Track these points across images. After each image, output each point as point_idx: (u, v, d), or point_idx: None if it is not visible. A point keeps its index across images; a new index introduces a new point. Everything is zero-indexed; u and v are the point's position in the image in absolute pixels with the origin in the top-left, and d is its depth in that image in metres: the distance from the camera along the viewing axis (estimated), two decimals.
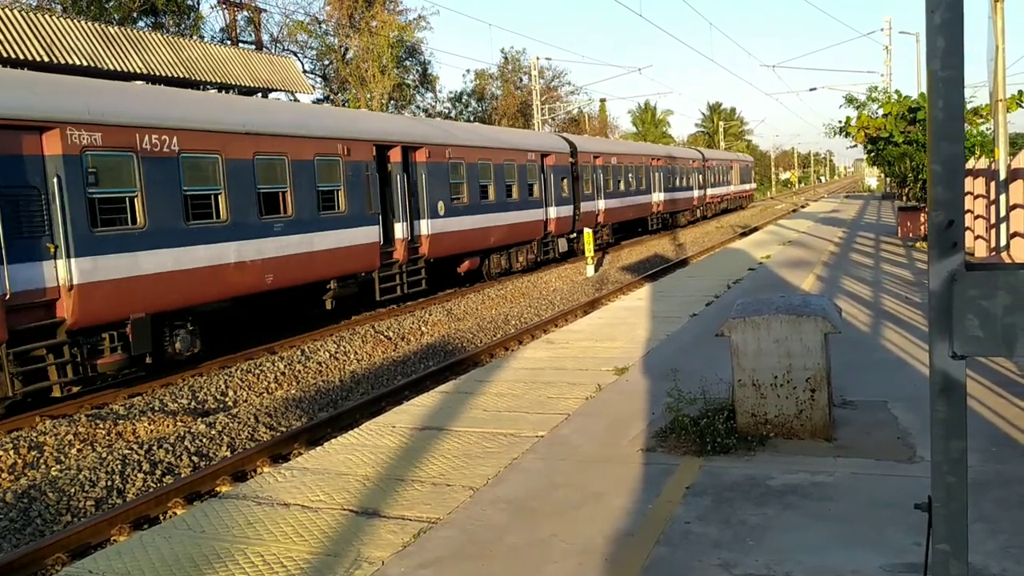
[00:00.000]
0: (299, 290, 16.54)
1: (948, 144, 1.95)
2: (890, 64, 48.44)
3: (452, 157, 21.54)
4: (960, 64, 1.95)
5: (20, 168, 10.98)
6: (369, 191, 17.99)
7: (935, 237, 1.97)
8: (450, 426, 7.46)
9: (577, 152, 29.77)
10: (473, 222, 22.38)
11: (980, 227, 18.62)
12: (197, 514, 5.67)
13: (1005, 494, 5.00)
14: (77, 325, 11.57)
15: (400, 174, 19.37)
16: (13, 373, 10.92)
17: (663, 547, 4.67)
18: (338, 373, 13.98)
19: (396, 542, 4.99)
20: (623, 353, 10.26)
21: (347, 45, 46.50)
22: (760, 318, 6.29)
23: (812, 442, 6.22)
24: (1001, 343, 1.96)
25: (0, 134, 10.71)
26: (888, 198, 49.84)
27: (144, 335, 12.56)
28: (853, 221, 34.33)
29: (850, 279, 15.70)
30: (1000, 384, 7.47)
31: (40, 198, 11.18)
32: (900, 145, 26.45)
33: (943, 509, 2.06)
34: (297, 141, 15.99)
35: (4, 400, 11.12)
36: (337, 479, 6.21)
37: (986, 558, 4.21)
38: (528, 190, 25.72)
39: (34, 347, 11.13)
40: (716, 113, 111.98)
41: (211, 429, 10.57)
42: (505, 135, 27.06)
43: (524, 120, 58.69)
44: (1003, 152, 15.53)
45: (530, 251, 26.02)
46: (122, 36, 15.65)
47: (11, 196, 10.79)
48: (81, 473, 9.06)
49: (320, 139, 16.69)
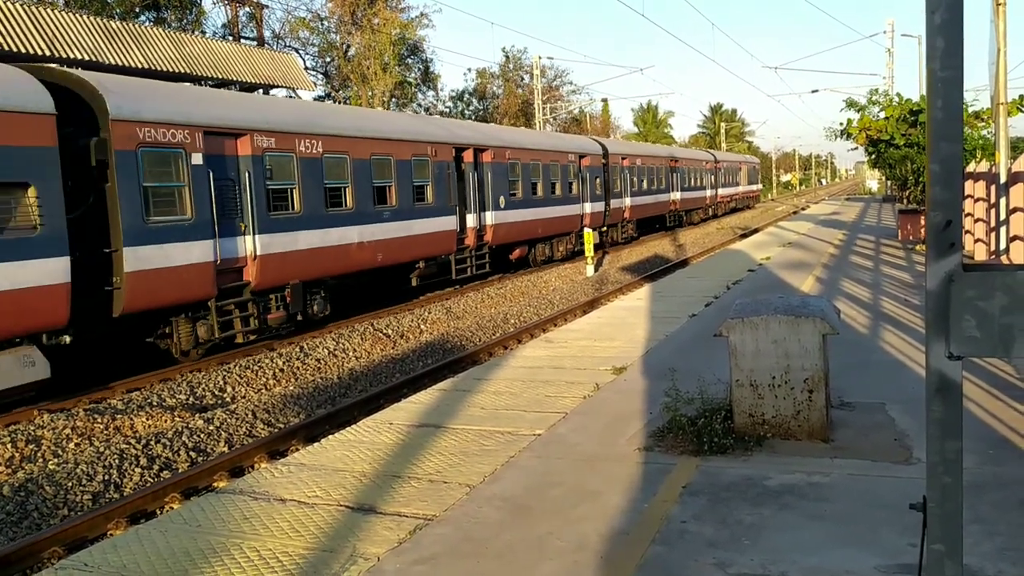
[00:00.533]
0: (397, 268, 19.69)
1: (947, 144, 1.95)
2: (892, 67, 48.44)
3: (510, 158, 24.66)
4: (960, 65, 1.95)
5: (225, 165, 14.48)
6: (449, 186, 21.21)
7: (933, 237, 1.97)
8: (447, 424, 7.47)
9: (608, 154, 32.68)
10: (525, 215, 25.47)
11: (980, 230, 18.62)
12: (193, 509, 5.67)
13: (1002, 496, 5.00)
14: (257, 287, 14.98)
15: (472, 172, 22.63)
16: (218, 322, 14.24)
17: (659, 546, 4.67)
18: (336, 370, 13.98)
19: (392, 538, 4.99)
20: (622, 353, 10.26)
21: (349, 42, 46.50)
22: (758, 319, 6.29)
23: (809, 443, 6.23)
24: (998, 344, 1.96)
25: (214, 139, 14.17)
26: (889, 201, 49.84)
27: (298, 298, 15.86)
28: (853, 224, 34.34)
29: (849, 281, 15.71)
30: (999, 387, 7.47)
31: (235, 188, 14.59)
32: (901, 148, 26.44)
33: (938, 509, 2.06)
34: (399, 144, 19.26)
35: (208, 342, 14.29)
36: (334, 475, 6.21)
37: (982, 560, 4.21)
38: (568, 187, 28.80)
39: (230, 303, 14.55)
40: (718, 114, 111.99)
41: (209, 425, 10.57)
42: (551, 139, 30.50)
43: (525, 119, 58.69)
44: (1004, 155, 15.53)
45: (568, 242, 29.06)
46: (124, 31, 15.65)
47: (220, 186, 14.24)
48: (78, 467, 9.06)
49: (415, 142, 19.99)
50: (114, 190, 12.27)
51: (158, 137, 13.01)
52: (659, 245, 34.97)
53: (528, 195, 25.63)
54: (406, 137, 19.64)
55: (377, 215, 18.29)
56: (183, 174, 13.49)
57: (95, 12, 28.82)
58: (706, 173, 49.77)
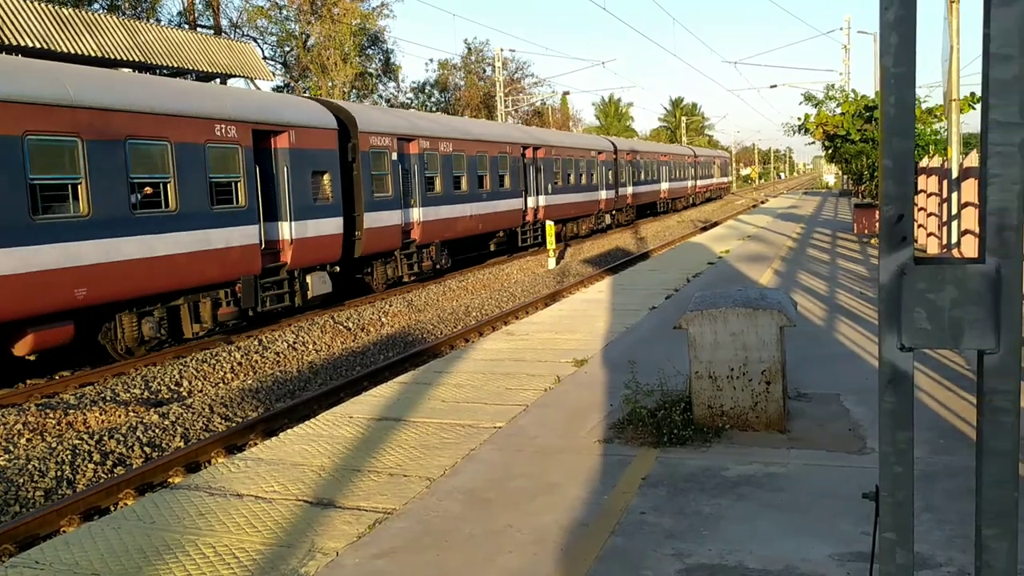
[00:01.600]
0: (486, 235, 26.89)
1: (899, 140, 1.97)
2: (849, 63, 49.13)
3: (555, 155, 31.39)
4: (912, 61, 1.97)
5: (407, 160, 21.29)
6: (520, 175, 28.13)
7: (886, 231, 1.99)
8: (408, 417, 7.44)
9: (617, 150, 39.84)
10: (565, 199, 32.32)
11: (932, 224, 18.98)
12: (148, 505, 5.58)
13: (952, 485, 5.11)
14: (420, 243, 21.82)
15: (531, 164, 29.39)
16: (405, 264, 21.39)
17: (618, 537, 4.69)
18: (296, 363, 13.86)
19: (351, 533, 4.96)
20: (583, 345, 10.29)
21: (308, 32, 46.00)
22: (717, 311, 6.35)
23: (767, 434, 6.30)
24: (948, 336, 1.99)
25: (401, 143, 20.84)
26: (845, 195, 50.60)
27: (440, 253, 22.83)
28: (811, 217, 34.80)
29: (806, 274, 15.93)
30: (949, 378, 7.63)
31: (409, 176, 21.34)
32: (857, 143, 26.87)
33: (890, 498, 2.09)
34: (490, 144, 26.16)
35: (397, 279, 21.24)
36: (292, 470, 6.15)
37: (932, 547, 4.29)
38: (591, 178, 35.56)
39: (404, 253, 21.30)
40: (678, 108, 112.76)
41: (164, 419, 10.42)
42: (580, 139, 39.40)
43: (487, 112, 58.58)
44: (955, 151, 15.83)
45: (589, 221, 35.75)
46: (76, 18, 15.31)
47: (404, 174, 20.96)
48: (30, 463, 8.88)
49: (499, 143, 26.82)
50: (359, 177, 19.06)
51: (377, 143, 19.73)
52: (621, 238, 35.17)
53: (566, 184, 32.53)
54: (495, 139, 26.64)
55: (478, 196, 24.95)
56: (387, 166, 20.11)
57: None
58: (688, 167, 56.35)
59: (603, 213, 37.24)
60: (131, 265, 12.88)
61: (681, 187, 54.17)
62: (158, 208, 13.57)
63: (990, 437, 2.00)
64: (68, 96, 11.98)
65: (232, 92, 16.66)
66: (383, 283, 20.68)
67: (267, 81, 22.32)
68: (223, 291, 15.09)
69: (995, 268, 1.93)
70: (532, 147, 29.28)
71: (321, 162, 17.45)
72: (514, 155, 27.55)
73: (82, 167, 12.14)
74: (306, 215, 16.84)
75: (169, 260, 13.62)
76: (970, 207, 14.62)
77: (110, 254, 12.53)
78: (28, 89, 11.46)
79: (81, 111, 12.14)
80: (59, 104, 11.81)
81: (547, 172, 30.32)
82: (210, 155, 14.55)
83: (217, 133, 14.71)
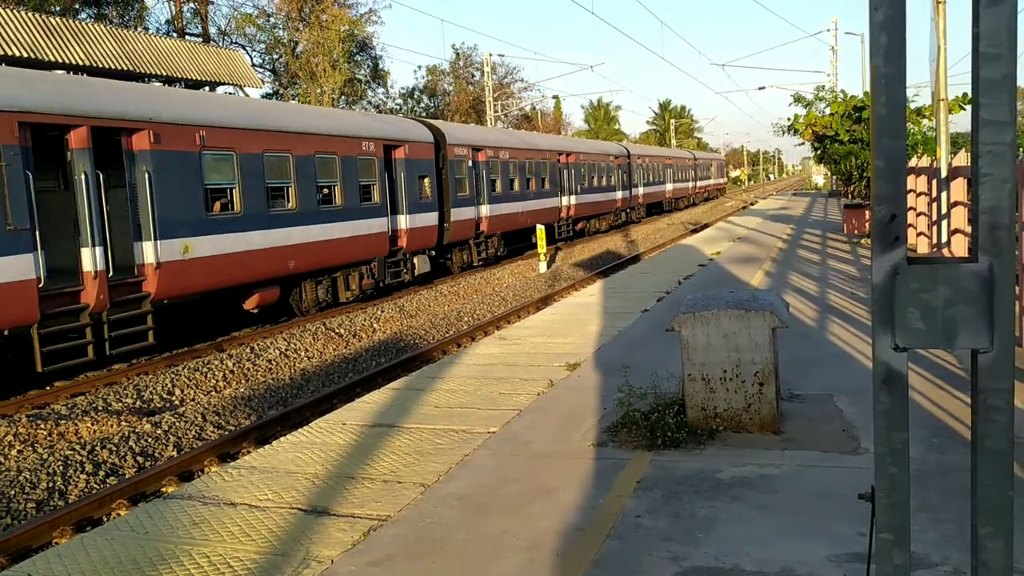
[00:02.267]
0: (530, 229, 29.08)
1: (890, 140, 1.97)
2: (836, 64, 49.37)
3: (580, 160, 36.31)
4: (902, 61, 1.97)
5: (476, 166, 26.06)
6: (557, 178, 33.19)
7: (878, 231, 1.99)
8: (401, 423, 7.41)
9: (631, 155, 44.95)
10: (588, 198, 37.12)
11: (922, 224, 19.05)
12: (141, 515, 5.55)
13: (948, 484, 5.12)
14: (487, 234, 26.64)
15: (564, 168, 34.20)
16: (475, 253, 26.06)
17: (613, 541, 4.68)
18: (288, 371, 13.81)
19: (346, 540, 4.94)
20: (575, 349, 10.29)
21: (297, 39, 45.94)
22: (709, 313, 6.35)
23: (760, 435, 6.31)
24: (941, 335, 1.99)
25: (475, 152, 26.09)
26: (834, 196, 50.76)
27: (500, 243, 27.87)
28: (801, 218, 34.90)
29: (798, 275, 15.96)
30: (942, 377, 7.65)
31: (478, 179, 26.07)
32: (846, 143, 26.93)
33: (886, 499, 2.09)
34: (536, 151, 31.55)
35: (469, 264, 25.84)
36: (286, 478, 6.13)
37: (928, 547, 4.30)
38: (610, 180, 40.38)
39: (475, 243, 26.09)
40: (667, 111, 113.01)
41: (157, 429, 10.37)
42: (601, 145, 43.66)
43: (477, 116, 58.59)
44: (945, 151, 15.90)
45: (608, 218, 40.86)
46: (63, 27, 15.25)
47: (475, 178, 25.85)
48: (21, 475, 8.82)
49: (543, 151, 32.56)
50: (448, 180, 24.01)
51: (459, 153, 24.90)
52: (612, 241, 35.21)
53: (590, 185, 37.33)
54: (539, 147, 32.32)
55: (528, 195, 30.14)
56: (465, 171, 25.16)
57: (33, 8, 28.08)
58: (688, 169, 61.56)
59: (619, 211, 42.79)
60: (317, 245, 18.12)
61: (683, 187, 59.41)
62: (330, 204, 18.73)
63: (985, 436, 1.99)
64: (287, 126, 17.48)
65: (370, 116, 24.52)
66: (459, 267, 25.56)
67: (256, 88, 22.25)
68: (364, 267, 20.09)
69: (988, 267, 1.93)
70: (565, 153, 34.70)
71: (423, 168, 22.70)
72: (552, 161, 32.84)
73: (291, 174, 17.34)
74: (415, 210, 22.04)
75: (337, 242, 18.80)
76: (960, 206, 14.68)
77: (306, 237, 17.72)
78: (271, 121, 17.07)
79: (292, 135, 17.46)
80: (281, 131, 17.21)
81: (576, 175, 35.39)
82: (359, 165, 19.70)
83: (363, 148, 19.91)
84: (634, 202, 45.16)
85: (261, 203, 16.37)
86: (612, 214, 41.21)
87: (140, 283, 13.75)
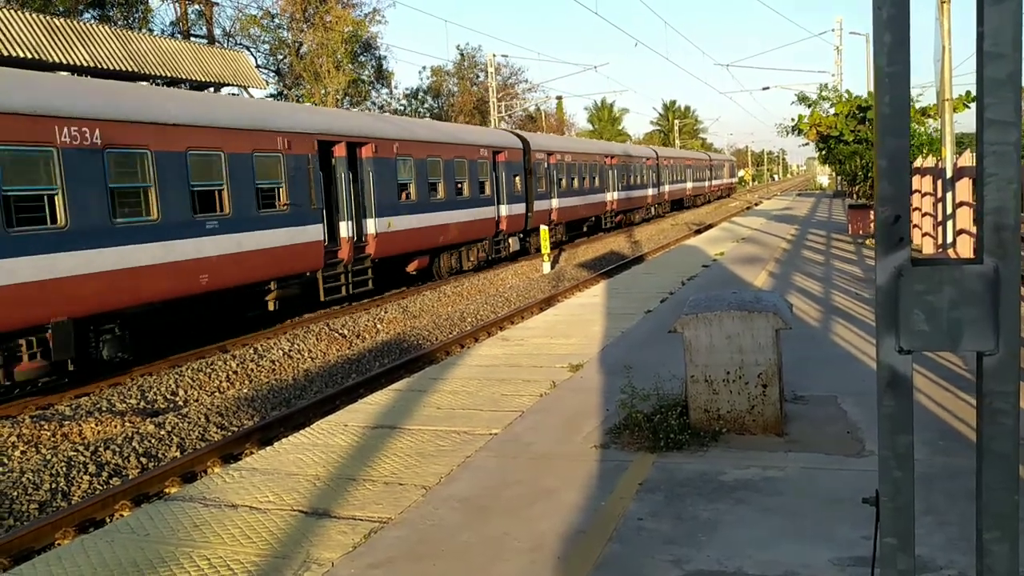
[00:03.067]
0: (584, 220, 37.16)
1: (894, 139, 1.95)
2: (840, 64, 49.25)
3: (622, 161, 42.00)
4: (906, 60, 1.95)
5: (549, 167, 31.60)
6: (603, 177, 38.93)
7: (882, 232, 1.97)
8: (403, 424, 7.39)
9: (659, 156, 51.12)
10: (627, 194, 43.08)
11: (927, 224, 18.99)
12: (142, 517, 5.53)
13: (952, 486, 5.08)
14: (556, 222, 31.66)
15: (609, 169, 39.93)
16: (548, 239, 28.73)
17: (616, 544, 4.66)
18: (292, 372, 13.81)
19: (346, 543, 4.92)
20: (578, 350, 10.26)
21: (301, 40, 45.97)
22: (712, 314, 6.32)
23: (764, 437, 6.27)
24: (946, 337, 1.96)
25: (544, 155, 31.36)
26: (839, 196, 50.68)
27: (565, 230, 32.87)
28: (805, 219, 34.84)
29: (802, 276, 15.92)
30: (947, 379, 7.61)
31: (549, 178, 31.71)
32: (850, 144, 26.88)
33: (890, 503, 2.07)
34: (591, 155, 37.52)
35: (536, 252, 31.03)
36: (287, 479, 6.11)
37: (933, 550, 4.26)
38: (643, 178, 46.68)
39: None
40: (671, 111, 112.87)
41: (160, 429, 10.37)
42: (636, 149, 49.59)
43: (481, 117, 58.59)
44: (949, 151, 15.85)
45: (641, 212, 46.91)
46: (67, 28, 15.26)
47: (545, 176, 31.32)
48: (24, 476, 8.82)
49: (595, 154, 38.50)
50: (531, 180, 29.65)
51: (538, 156, 30.49)
52: (615, 242, 35.18)
53: (628, 183, 43.16)
54: (592, 152, 38.19)
55: (584, 191, 35.81)
56: (543, 172, 30.89)
57: (37, 9, 28.12)
58: (705, 169, 67.81)
59: (650, 206, 48.78)
60: (456, 224, 24.34)
61: (701, 186, 66.09)
62: (462, 195, 24.78)
63: (990, 439, 1.97)
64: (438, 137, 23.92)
65: (483, 129, 31.66)
66: (535, 248, 30.58)
67: (260, 89, 22.26)
68: (477, 245, 26.16)
69: (993, 268, 1.91)
70: (610, 156, 40.52)
71: (516, 169, 28.91)
72: (600, 163, 38.49)
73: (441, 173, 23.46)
74: (510, 201, 28.28)
75: (466, 224, 25.06)
76: (965, 207, 14.63)
77: (449, 219, 23.83)
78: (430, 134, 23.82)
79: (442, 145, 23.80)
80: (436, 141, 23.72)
81: (618, 175, 41.17)
82: (478, 166, 26.06)
83: (480, 154, 26.29)
84: (661, 198, 51.71)
85: (425, 193, 22.65)
86: (644, 208, 47.54)
87: (365, 247, 20.09)
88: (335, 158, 19.02)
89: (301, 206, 17.12)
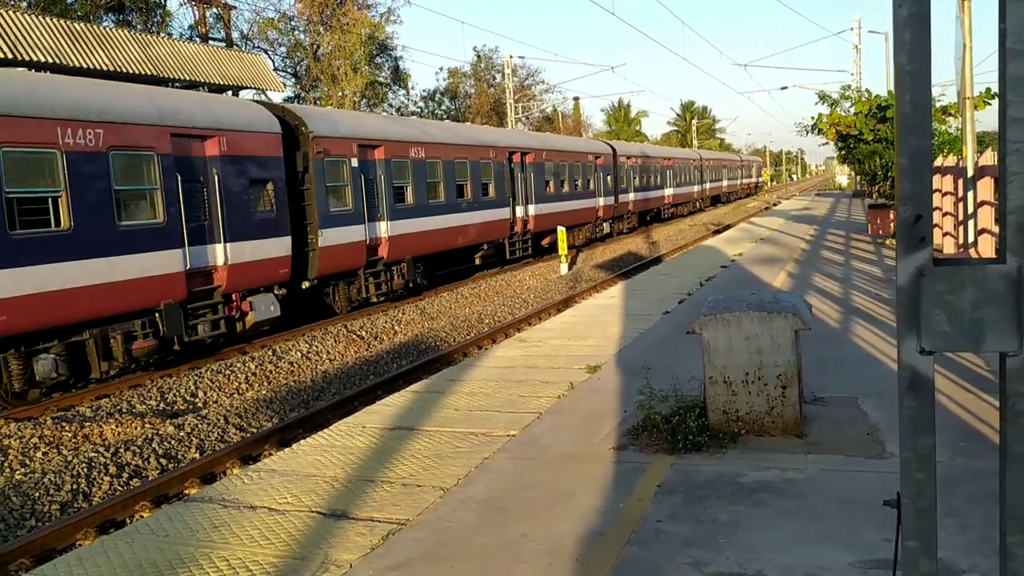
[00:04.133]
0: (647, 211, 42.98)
1: (915, 138, 1.93)
2: (859, 63, 48.90)
3: (675, 163, 47.44)
4: (927, 58, 1.93)
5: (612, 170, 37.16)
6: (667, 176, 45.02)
7: (903, 232, 1.95)
8: (421, 426, 7.40)
9: (702, 159, 58.52)
10: (679, 191, 49.42)
11: (948, 224, 18.82)
12: (161, 518, 5.56)
13: (975, 489, 5.02)
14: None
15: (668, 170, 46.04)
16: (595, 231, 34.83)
17: (634, 546, 4.64)
18: (310, 373, 13.86)
19: (364, 544, 4.92)
20: (596, 351, 10.24)
21: (318, 42, 46.18)
22: (731, 315, 6.28)
23: (783, 439, 6.23)
24: (968, 338, 1.94)
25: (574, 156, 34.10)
26: (858, 196, 50.31)
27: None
28: (824, 219, 34.62)
29: (821, 276, 15.81)
30: (969, 380, 7.53)
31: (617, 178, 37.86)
32: (870, 143, 26.70)
33: (912, 506, 2.04)
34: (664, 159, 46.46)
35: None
36: (306, 481, 6.13)
37: (956, 553, 4.22)
38: (690, 177, 53.06)
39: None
40: (688, 111, 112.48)
41: (180, 431, 10.43)
42: (685, 152, 56.71)
43: (498, 118, 58.64)
44: (971, 150, 15.70)
45: (688, 205, 53.29)
46: (87, 32, 15.40)
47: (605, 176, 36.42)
48: (46, 476, 8.90)
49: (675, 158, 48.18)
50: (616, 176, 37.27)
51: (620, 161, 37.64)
52: (633, 243, 35.12)
53: (679, 181, 49.22)
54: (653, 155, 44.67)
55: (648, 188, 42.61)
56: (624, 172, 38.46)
57: (57, 14, 28.37)
58: (736, 168, 75.51)
59: (695, 201, 55.91)
60: (573, 210, 31.64)
61: (734, 184, 73.77)
62: (576, 189, 29.82)
63: (1014, 441, 1.94)
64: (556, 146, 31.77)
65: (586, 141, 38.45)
66: (616, 232, 36.85)
67: (278, 92, 22.37)
68: (585, 227, 31.40)
69: (1016, 268, 1.88)
70: (667, 158, 47.34)
71: (608, 170, 36.21)
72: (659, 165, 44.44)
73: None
74: (605, 195, 35.28)
75: (577, 210, 32.10)
76: (986, 206, 14.48)
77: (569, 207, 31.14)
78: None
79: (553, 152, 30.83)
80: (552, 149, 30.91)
81: (673, 174, 48.21)
82: (588, 168, 32.48)
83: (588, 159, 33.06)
84: (704, 194, 59.22)
85: (559, 188, 30.58)
86: (691, 203, 54.98)
87: (527, 223, 28.02)
88: (514, 163, 27.45)
89: (498, 196, 25.91)
